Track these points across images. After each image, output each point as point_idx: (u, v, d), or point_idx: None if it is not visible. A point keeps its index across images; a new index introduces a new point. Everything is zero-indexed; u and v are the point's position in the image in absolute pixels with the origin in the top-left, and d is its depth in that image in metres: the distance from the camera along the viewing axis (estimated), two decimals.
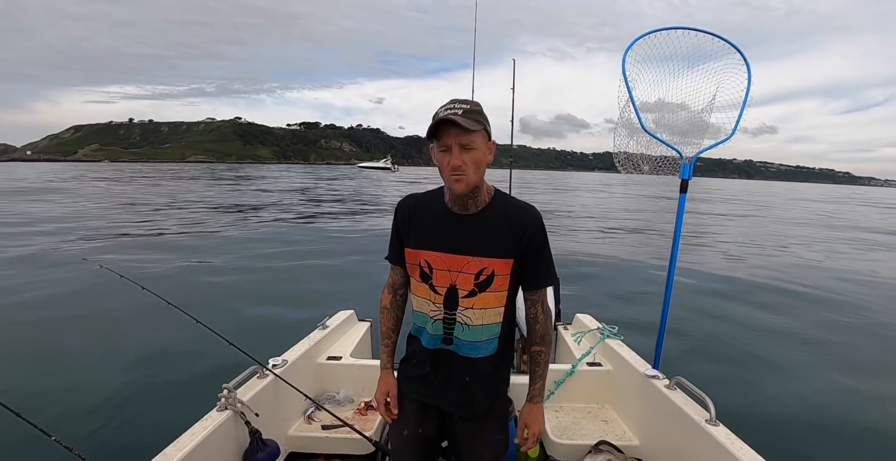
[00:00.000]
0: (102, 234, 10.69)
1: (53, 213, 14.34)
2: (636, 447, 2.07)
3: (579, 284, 6.96)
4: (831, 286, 7.54)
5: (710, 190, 33.96)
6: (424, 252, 1.34)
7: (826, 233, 15.80)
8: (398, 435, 1.49)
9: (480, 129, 1.21)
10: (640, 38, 2.35)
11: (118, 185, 29.79)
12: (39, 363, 4.22)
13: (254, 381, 1.94)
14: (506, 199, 1.36)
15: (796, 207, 31.86)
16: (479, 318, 1.32)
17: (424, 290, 1.36)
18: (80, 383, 3.80)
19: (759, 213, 23.22)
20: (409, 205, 1.40)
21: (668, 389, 1.92)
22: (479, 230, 1.30)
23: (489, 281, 1.30)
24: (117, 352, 4.42)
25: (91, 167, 56.99)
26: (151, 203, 17.81)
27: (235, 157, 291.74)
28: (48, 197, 19.34)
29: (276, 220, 14.39)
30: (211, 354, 3.78)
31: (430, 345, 1.39)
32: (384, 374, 1.50)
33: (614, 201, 25.73)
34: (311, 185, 25.75)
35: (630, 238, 12.02)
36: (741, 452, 1.48)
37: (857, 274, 8.73)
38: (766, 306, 6.27)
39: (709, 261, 8.91)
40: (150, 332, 4.71)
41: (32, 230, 10.97)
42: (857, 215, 26.68)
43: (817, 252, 11.32)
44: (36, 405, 3.39)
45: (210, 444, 1.57)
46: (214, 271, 7.77)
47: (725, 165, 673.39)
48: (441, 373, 1.39)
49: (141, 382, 3.82)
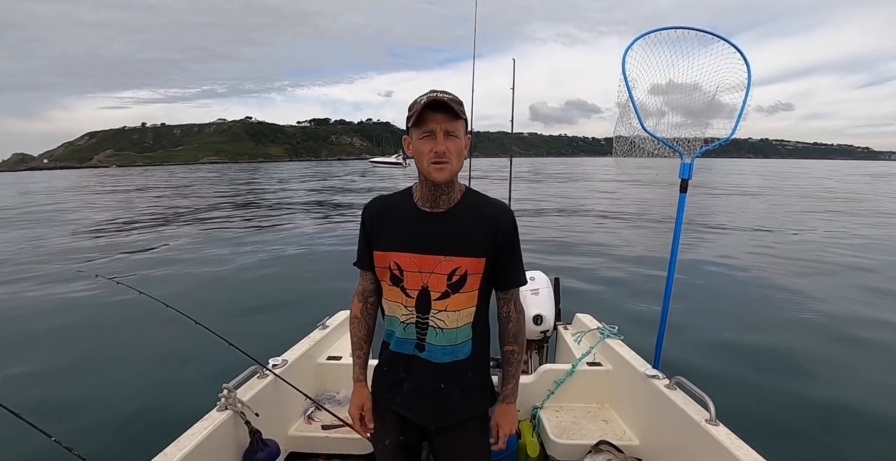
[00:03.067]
0: (99, 245, 10.70)
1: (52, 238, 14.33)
2: (636, 447, 2.07)
3: (579, 284, 6.95)
4: (839, 281, 7.52)
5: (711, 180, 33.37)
6: (394, 253, 1.28)
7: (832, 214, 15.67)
8: (380, 445, 1.44)
9: (463, 119, 1.21)
10: (640, 38, 2.34)
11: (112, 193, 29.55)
12: (39, 366, 4.23)
13: (254, 381, 1.95)
14: (477, 196, 1.33)
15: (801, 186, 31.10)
16: (454, 321, 1.28)
17: (395, 294, 1.30)
18: (80, 384, 3.80)
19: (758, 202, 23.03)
20: (377, 206, 1.35)
21: (668, 389, 1.92)
22: (451, 228, 1.26)
23: (462, 281, 1.25)
24: (117, 354, 4.43)
25: (102, 178, 56.29)
26: (154, 212, 17.82)
27: (247, 157, 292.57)
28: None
29: (276, 221, 14.40)
30: (211, 355, 3.78)
31: (402, 350, 1.33)
32: (357, 388, 1.44)
33: (627, 190, 24.67)
34: (325, 194, 23.96)
35: (634, 232, 12.00)
36: (741, 452, 1.48)
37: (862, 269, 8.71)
38: (766, 306, 6.26)
39: (709, 259, 8.90)
40: (149, 334, 4.71)
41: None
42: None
43: (822, 238, 11.13)
44: (36, 406, 3.40)
45: (210, 444, 1.57)
46: (214, 271, 7.77)
47: (741, 145, 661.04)
48: (413, 381, 1.33)
49: (141, 383, 3.82)
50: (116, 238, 11.12)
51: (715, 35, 2.31)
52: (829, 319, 5.70)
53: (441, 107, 1.16)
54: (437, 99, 1.15)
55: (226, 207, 17.54)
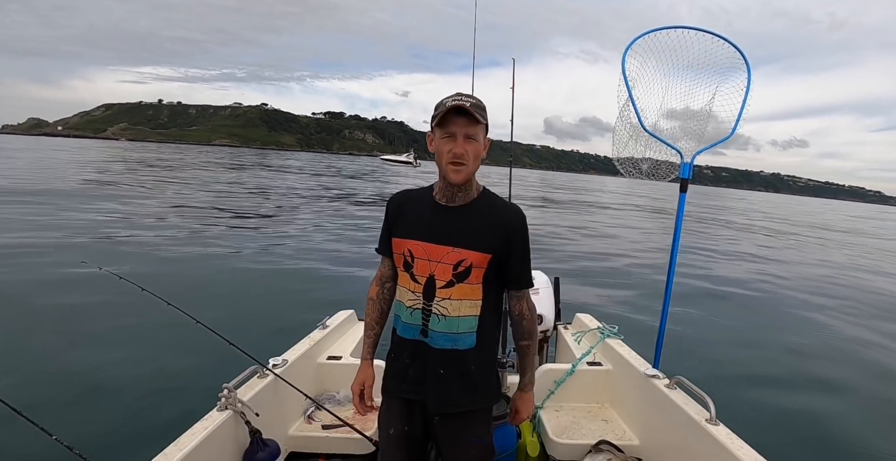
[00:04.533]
0: (102, 235, 10.69)
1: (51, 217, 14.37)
2: (636, 446, 2.07)
3: (580, 284, 6.96)
4: (834, 290, 7.55)
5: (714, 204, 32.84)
6: (408, 241, 1.36)
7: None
8: (385, 433, 1.48)
9: (484, 124, 1.28)
10: (640, 37, 2.34)
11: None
12: (38, 363, 4.22)
13: (254, 381, 1.94)
14: (493, 197, 1.40)
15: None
16: (456, 310, 1.33)
17: (406, 279, 1.38)
18: (80, 383, 3.80)
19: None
20: (401, 197, 1.46)
21: (668, 389, 1.92)
22: (462, 223, 1.33)
23: (466, 272, 1.32)
24: (117, 352, 4.42)
25: (113, 150, 56.14)
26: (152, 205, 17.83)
27: (259, 143, 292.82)
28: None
29: (278, 220, 14.39)
30: (211, 354, 3.78)
31: (407, 336, 1.39)
32: (363, 365, 1.52)
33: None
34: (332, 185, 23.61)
35: (634, 232, 12.03)
36: (741, 452, 1.48)
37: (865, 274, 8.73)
38: (767, 306, 6.27)
39: (709, 263, 8.92)
40: (149, 332, 4.71)
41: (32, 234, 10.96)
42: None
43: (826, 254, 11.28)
44: (36, 404, 3.40)
45: (210, 444, 1.57)
46: (215, 270, 7.76)
47: (752, 177, 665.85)
48: (418, 366, 1.39)
49: (141, 382, 3.81)
50: (120, 229, 11.11)
51: (715, 35, 2.31)
52: (830, 319, 5.69)
53: (464, 112, 1.24)
54: (460, 105, 1.24)
55: (230, 205, 17.54)
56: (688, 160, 2.39)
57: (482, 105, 1.29)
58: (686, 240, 10.73)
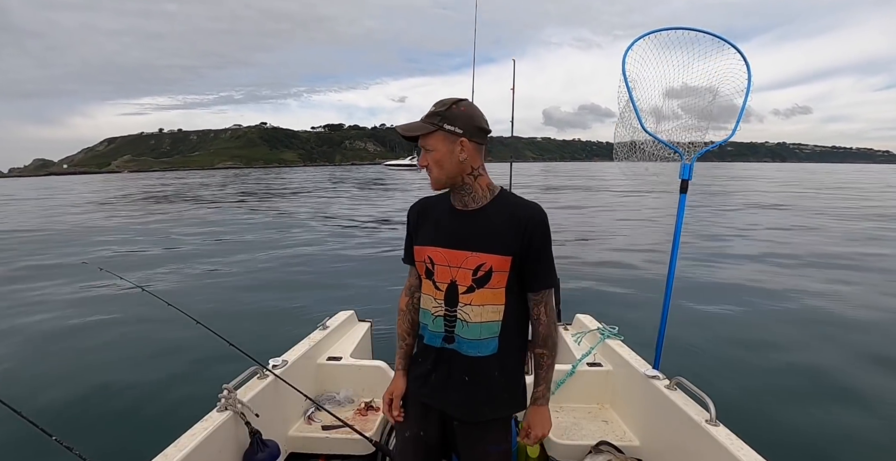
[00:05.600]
0: (107, 240, 10.69)
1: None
2: (636, 447, 2.07)
3: (580, 284, 6.95)
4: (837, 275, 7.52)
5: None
6: (428, 248, 1.36)
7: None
8: (401, 436, 1.51)
9: (434, 131, 1.26)
10: (640, 39, 2.35)
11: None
12: (39, 363, 4.23)
13: (254, 382, 1.95)
14: (510, 197, 1.37)
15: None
16: (478, 315, 1.31)
17: (428, 287, 1.37)
18: (81, 384, 3.80)
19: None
20: (420, 206, 1.47)
21: (668, 389, 1.92)
22: (479, 226, 1.31)
23: (487, 277, 1.29)
24: (117, 353, 4.42)
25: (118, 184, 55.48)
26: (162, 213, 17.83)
27: (262, 162, 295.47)
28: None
29: (279, 222, 14.39)
30: (211, 355, 3.78)
31: (433, 343, 1.39)
32: (396, 375, 1.53)
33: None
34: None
35: (636, 232, 12.00)
36: (741, 452, 1.48)
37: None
38: (766, 306, 6.26)
39: (709, 261, 8.90)
40: (149, 333, 4.71)
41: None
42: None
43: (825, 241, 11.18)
44: (36, 404, 3.40)
45: (210, 445, 1.57)
46: (215, 271, 7.77)
47: (757, 149, 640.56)
48: (441, 372, 1.38)
49: (141, 382, 3.82)
50: (121, 235, 11.12)
51: (716, 36, 2.32)
52: (830, 318, 5.69)
53: (408, 137, 1.29)
54: (401, 134, 1.29)
55: (231, 209, 17.54)
56: (688, 161, 2.39)
57: (440, 111, 1.25)
58: (695, 229, 10.60)
